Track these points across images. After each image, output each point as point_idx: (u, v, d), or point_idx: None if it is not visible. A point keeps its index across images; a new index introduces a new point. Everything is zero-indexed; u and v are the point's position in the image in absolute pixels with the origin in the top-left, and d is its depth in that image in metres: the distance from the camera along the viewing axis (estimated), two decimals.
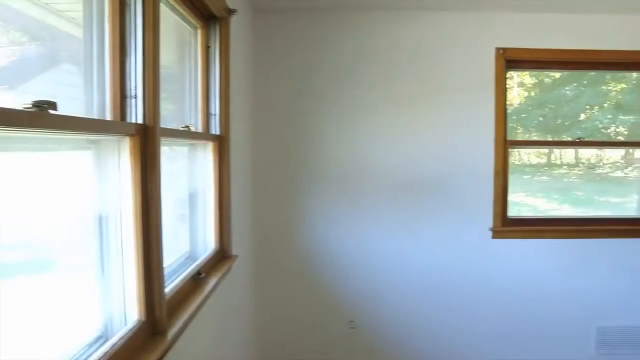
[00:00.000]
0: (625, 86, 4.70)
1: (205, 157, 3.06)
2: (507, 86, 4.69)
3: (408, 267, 4.28)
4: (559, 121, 4.84)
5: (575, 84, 4.90)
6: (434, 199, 4.25)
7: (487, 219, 4.32)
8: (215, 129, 3.12)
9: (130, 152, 1.78)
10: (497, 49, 4.26)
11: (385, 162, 4.21)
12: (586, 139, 4.64)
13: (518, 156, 5.10)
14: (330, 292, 4.25)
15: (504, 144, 4.31)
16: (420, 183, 4.23)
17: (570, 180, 5.18)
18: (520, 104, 4.92)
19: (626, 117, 4.70)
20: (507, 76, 4.43)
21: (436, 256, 4.30)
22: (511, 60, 4.32)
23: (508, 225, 4.37)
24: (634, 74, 4.62)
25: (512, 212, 4.57)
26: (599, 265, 4.48)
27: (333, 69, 4.16)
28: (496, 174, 4.28)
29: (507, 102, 4.45)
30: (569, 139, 4.64)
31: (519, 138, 4.76)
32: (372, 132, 4.19)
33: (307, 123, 4.15)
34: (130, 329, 1.74)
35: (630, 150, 4.71)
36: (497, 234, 4.32)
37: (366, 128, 4.19)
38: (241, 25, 3.65)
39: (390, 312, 4.30)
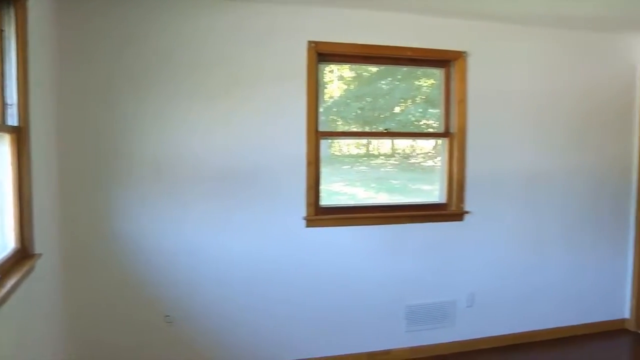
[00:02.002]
0: (435, 82, 4.98)
1: (1, 150, 2.87)
2: (328, 79, 4.81)
3: (224, 258, 4.28)
4: (376, 114, 5.03)
5: (390, 79, 5.11)
6: (248, 190, 4.29)
7: (301, 208, 4.41)
8: (13, 120, 2.93)
9: None
10: (309, 42, 4.35)
11: (200, 153, 4.18)
12: (393, 130, 4.87)
13: (338, 147, 5.24)
14: (145, 286, 4.16)
15: (316, 135, 4.43)
16: (234, 174, 4.24)
17: (387, 169, 5.40)
18: (340, 96, 5.05)
19: (435, 111, 4.98)
20: (328, 70, 4.54)
21: (252, 246, 4.34)
22: (323, 53, 4.44)
23: (321, 214, 4.50)
24: (436, 71, 4.91)
25: (332, 201, 4.73)
26: (407, 248, 4.76)
27: (146, 59, 4.05)
28: (309, 164, 4.38)
29: (328, 95, 4.56)
30: (385, 130, 4.84)
31: (339, 129, 4.90)
32: (187, 122, 4.14)
33: (119, 113, 4.01)
34: None
35: (439, 141, 5.00)
36: (310, 222, 4.43)
37: (181, 118, 4.13)
38: (43, 8, 3.46)
39: (208, 303, 4.29)
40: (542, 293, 5.30)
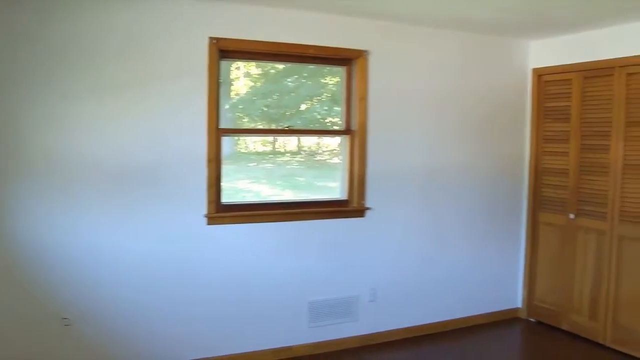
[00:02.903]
0: (340, 80, 5.03)
1: None
2: (234, 76, 4.78)
3: (124, 257, 4.18)
4: (281, 111, 5.05)
5: (296, 76, 5.14)
6: (148, 188, 4.19)
7: (202, 206, 4.37)
8: None
9: None
10: (211, 39, 4.29)
11: (97, 152, 4.05)
12: (297, 128, 4.91)
13: (244, 144, 5.23)
14: (40, 289, 4.00)
15: (217, 133, 4.39)
16: (134, 172, 4.14)
17: (293, 167, 5.43)
18: (246, 93, 5.04)
19: (340, 109, 5.03)
20: (234, 66, 4.50)
21: (153, 245, 4.24)
22: (225, 50, 4.40)
23: (223, 212, 4.47)
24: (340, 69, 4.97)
25: (239, 198, 4.71)
26: (309, 244, 4.79)
27: (39, 57, 3.86)
28: (209, 161, 4.34)
29: (234, 92, 4.53)
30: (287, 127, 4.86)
31: (245, 127, 4.89)
32: (84, 121, 4.00)
33: (7, 111, 3.84)
34: None
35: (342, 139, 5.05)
36: (212, 220, 4.40)
37: (77, 117, 3.98)
38: None
39: (108, 304, 4.17)
40: (443, 285, 5.47)
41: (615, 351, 4.99)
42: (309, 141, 5.54)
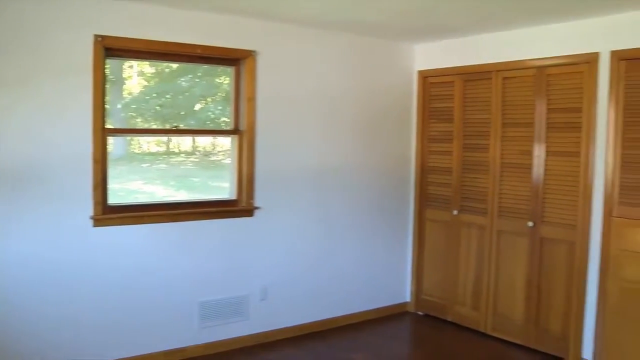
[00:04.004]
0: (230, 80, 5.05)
1: None
2: (127, 75, 4.72)
3: (7, 261, 4.03)
4: (175, 111, 5.02)
5: (190, 76, 5.13)
6: (31, 190, 4.05)
7: (88, 208, 4.28)
8: None
9: None
10: (96, 36, 4.19)
11: None
12: (190, 128, 4.91)
13: (138, 145, 5.17)
14: None
15: (103, 133, 4.32)
16: (16, 173, 3.99)
17: (187, 167, 5.41)
18: (140, 92, 4.98)
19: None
20: (127, 65, 4.44)
21: (37, 248, 4.09)
22: (111, 48, 4.32)
23: (110, 213, 4.40)
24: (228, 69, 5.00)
25: (130, 199, 4.66)
26: (199, 245, 4.78)
27: None
28: (95, 162, 4.26)
29: (127, 91, 4.46)
30: (174, 127, 4.84)
31: (139, 127, 4.84)
32: None
33: None
34: None
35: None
36: (98, 222, 4.32)
37: None
38: None
39: None
40: (334, 282, 5.60)
41: (495, 338, 5.32)
42: (203, 141, 5.54)
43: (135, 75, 5.08)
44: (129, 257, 4.49)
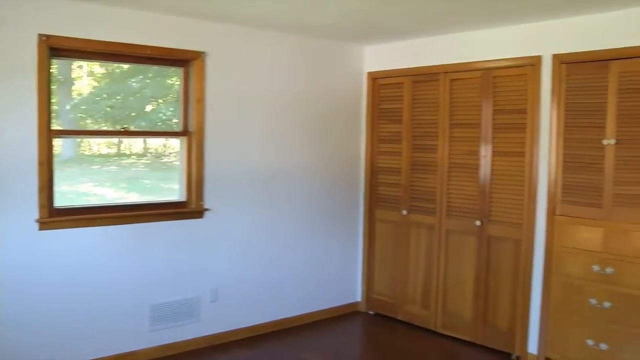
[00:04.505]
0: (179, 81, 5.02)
1: None
2: (77, 75, 4.65)
3: None
4: (126, 112, 4.97)
5: (141, 76, 5.08)
6: None
7: (34, 211, 4.20)
8: None
9: None
10: (40, 36, 4.11)
11: None
12: (131, 129, 4.86)
13: (88, 146, 5.10)
14: None
15: (48, 134, 4.25)
16: None
17: (139, 169, 5.36)
18: (89, 93, 4.92)
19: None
20: (77, 65, 4.36)
21: None
22: (56, 48, 4.24)
23: (57, 216, 4.33)
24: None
25: (80, 202, 4.58)
26: (149, 247, 4.74)
27: None
28: (40, 164, 4.18)
29: (76, 92, 4.39)
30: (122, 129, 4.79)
31: (89, 128, 4.77)
32: None
33: None
34: None
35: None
36: (44, 225, 4.24)
37: None
38: None
39: None
40: (286, 283, 5.63)
41: (444, 336, 5.42)
42: (155, 143, 5.50)
43: (85, 76, 5.01)
44: (78, 260, 4.42)
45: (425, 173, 5.51)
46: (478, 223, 5.09)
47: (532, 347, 4.78)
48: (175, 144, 5.30)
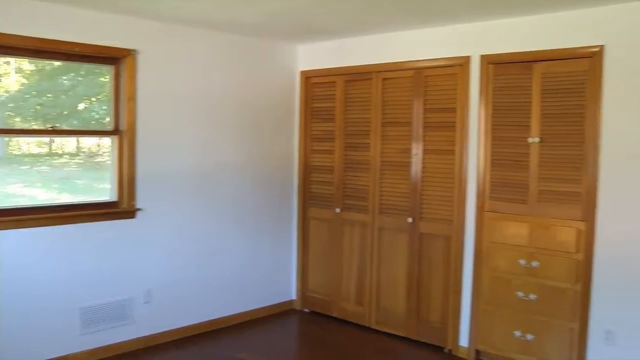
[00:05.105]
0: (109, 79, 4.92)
1: None
2: (4, 71, 4.51)
3: None
4: (58, 110, 4.84)
5: (73, 74, 4.96)
6: None
7: None
8: None
9: None
10: None
11: None
12: (61, 128, 4.74)
13: (17, 146, 4.95)
14: None
15: None
16: None
17: (71, 169, 5.23)
18: (18, 91, 4.76)
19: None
20: (4, 61, 4.22)
21: None
22: None
23: None
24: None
25: (8, 203, 4.43)
26: (79, 249, 4.63)
27: None
28: None
29: (4, 89, 4.25)
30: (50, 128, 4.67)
31: (17, 127, 4.62)
32: None
33: None
34: None
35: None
36: None
37: None
38: None
39: None
40: (221, 282, 5.60)
41: (379, 332, 5.50)
42: (88, 142, 5.37)
43: (12, 72, 4.85)
44: (5, 263, 4.28)
45: (357, 171, 5.58)
46: (410, 220, 5.18)
47: (464, 340, 4.91)
48: (109, 144, 5.20)
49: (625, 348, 4.12)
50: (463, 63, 4.80)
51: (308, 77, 6.01)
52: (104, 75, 4.96)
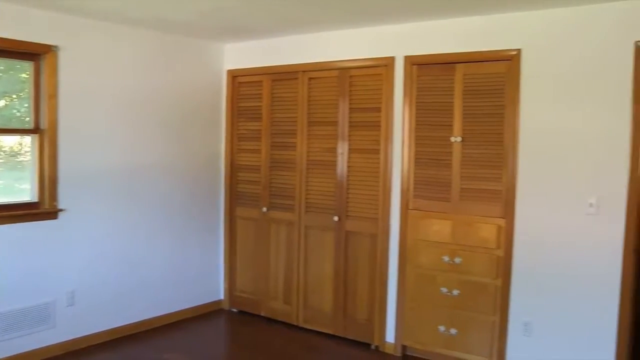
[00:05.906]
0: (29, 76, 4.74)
1: None
2: None
3: None
4: None
5: None
6: None
7: None
8: None
9: None
10: None
11: None
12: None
13: None
14: None
15: None
16: None
17: None
18: None
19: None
20: None
21: None
22: None
23: None
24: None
25: None
26: None
27: None
28: None
29: None
30: None
31: None
32: None
33: None
34: None
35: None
36: None
37: None
38: None
39: None
40: (148, 283, 5.50)
41: (307, 330, 5.54)
42: (9, 141, 5.15)
43: None
44: None
45: (284, 170, 5.59)
46: (336, 219, 5.23)
47: (390, 336, 5.00)
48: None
49: (540, 338, 4.31)
50: (387, 63, 4.88)
51: (235, 77, 5.97)
52: (26, 72, 4.78)
